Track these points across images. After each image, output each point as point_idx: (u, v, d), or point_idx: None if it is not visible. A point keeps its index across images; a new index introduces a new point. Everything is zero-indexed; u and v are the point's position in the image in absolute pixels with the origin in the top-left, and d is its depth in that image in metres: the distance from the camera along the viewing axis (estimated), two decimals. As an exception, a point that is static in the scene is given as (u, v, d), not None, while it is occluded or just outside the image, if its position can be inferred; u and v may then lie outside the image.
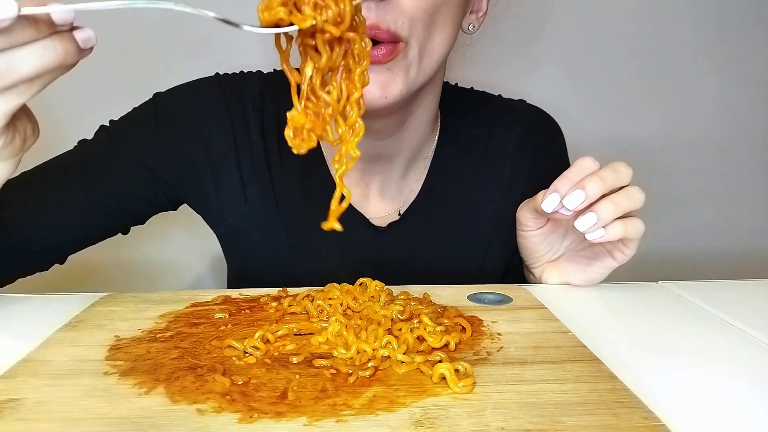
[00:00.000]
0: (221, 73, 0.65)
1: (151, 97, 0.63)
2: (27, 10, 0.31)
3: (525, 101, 0.70)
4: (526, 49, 1.02)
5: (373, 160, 0.61)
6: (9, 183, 0.44)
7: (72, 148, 0.61)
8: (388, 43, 0.48)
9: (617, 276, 0.53)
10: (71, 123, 0.68)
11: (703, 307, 0.49)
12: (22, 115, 0.40)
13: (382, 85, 0.50)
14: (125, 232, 0.65)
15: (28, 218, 0.56)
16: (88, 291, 0.50)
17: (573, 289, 0.54)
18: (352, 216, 0.62)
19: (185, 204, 0.66)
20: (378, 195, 0.63)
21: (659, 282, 0.56)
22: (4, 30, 0.31)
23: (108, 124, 0.62)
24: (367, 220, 0.63)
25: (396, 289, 0.47)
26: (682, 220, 1.14)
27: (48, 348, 0.36)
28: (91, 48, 0.35)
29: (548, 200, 0.49)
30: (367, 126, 0.40)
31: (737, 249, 1.17)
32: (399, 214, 0.63)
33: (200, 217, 0.66)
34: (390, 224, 0.63)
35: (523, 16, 1.01)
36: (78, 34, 0.34)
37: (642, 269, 0.58)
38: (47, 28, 0.33)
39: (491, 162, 0.66)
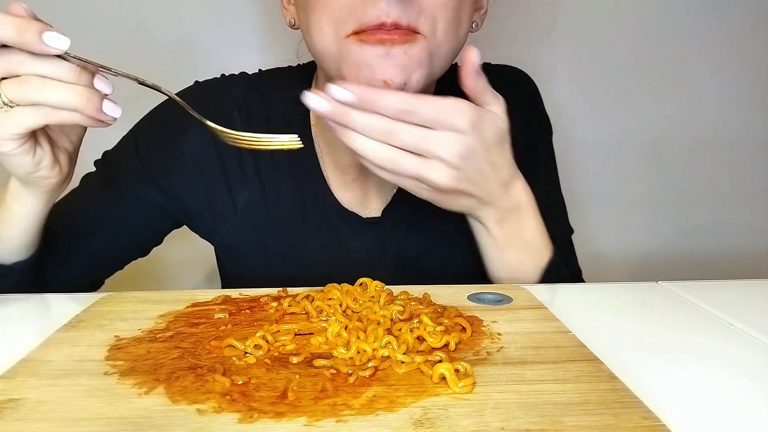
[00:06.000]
0: (201, 81, 0.64)
1: (134, 126, 0.63)
2: (75, 61, 0.40)
3: (490, 64, 0.67)
4: (525, 49, 1.02)
5: None
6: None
7: (89, 173, 0.63)
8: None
9: (617, 276, 0.53)
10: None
11: (703, 307, 0.49)
12: (63, 152, 0.47)
13: (402, 69, 0.48)
14: (144, 254, 0.68)
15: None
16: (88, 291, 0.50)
17: (573, 289, 0.54)
18: (344, 215, 0.62)
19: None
20: (376, 189, 0.63)
21: (659, 282, 0.56)
22: (52, 61, 0.39)
23: (101, 158, 0.64)
24: (360, 216, 0.62)
25: (396, 289, 0.47)
26: (682, 220, 1.14)
27: (48, 348, 0.36)
28: (113, 119, 0.43)
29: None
30: None
31: (737, 249, 1.17)
32: (387, 201, 0.63)
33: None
34: (383, 215, 0.63)
35: (524, 14, 1.01)
36: (107, 101, 0.42)
37: (642, 269, 0.58)
38: (87, 81, 0.41)
39: None
